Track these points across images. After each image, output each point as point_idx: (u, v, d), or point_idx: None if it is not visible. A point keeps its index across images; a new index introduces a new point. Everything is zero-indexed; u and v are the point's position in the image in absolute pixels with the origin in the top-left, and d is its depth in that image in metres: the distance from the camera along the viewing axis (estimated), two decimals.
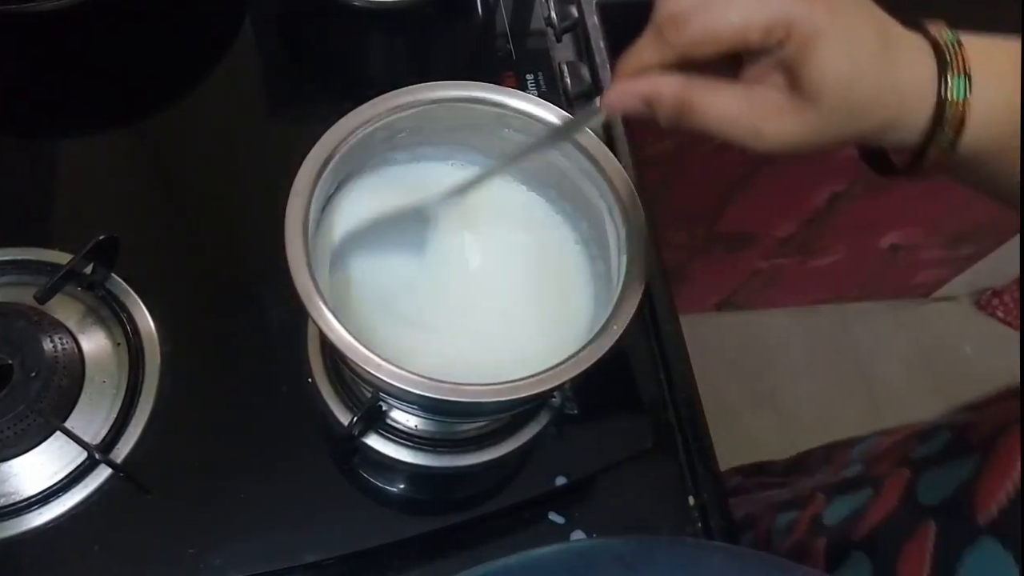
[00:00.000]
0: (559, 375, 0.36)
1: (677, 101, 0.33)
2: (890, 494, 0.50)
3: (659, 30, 0.33)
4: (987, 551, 0.39)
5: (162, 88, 0.61)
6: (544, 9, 0.66)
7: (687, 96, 0.33)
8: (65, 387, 0.48)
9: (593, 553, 0.37)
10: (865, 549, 0.48)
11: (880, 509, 0.50)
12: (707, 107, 0.33)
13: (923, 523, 0.44)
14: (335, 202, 0.42)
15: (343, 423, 0.47)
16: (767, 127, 0.33)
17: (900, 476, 0.50)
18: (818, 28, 0.31)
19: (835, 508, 0.56)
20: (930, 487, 0.46)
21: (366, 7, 0.65)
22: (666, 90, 0.34)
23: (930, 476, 0.47)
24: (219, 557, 0.46)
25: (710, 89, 0.33)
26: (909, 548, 0.44)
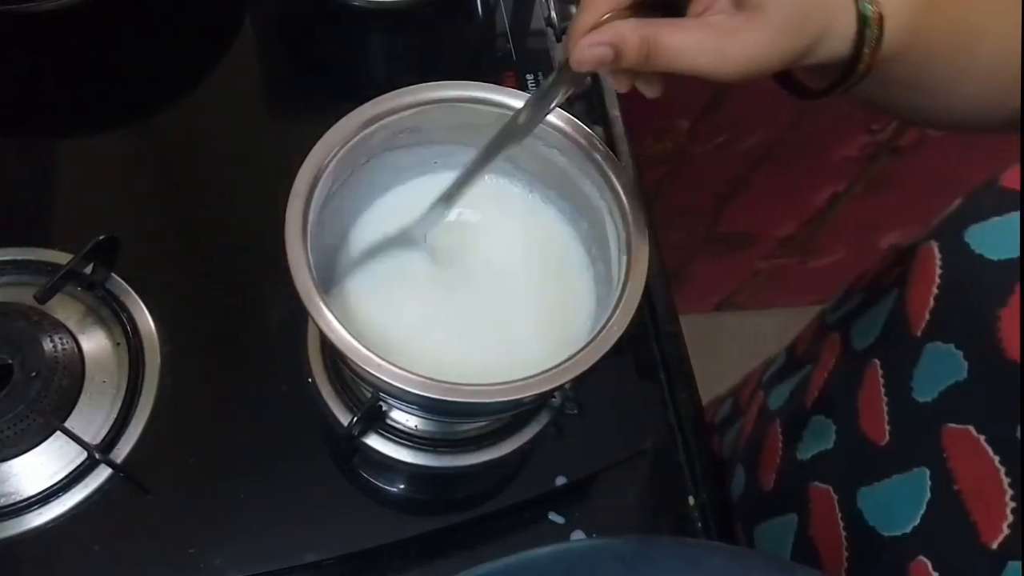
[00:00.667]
0: (559, 375, 0.36)
1: (642, 42, 0.34)
2: (827, 358, 0.51)
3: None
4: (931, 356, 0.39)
5: (162, 88, 0.61)
6: (544, 9, 0.66)
7: (651, 35, 0.34)
8: (65, 387, 0.48)
9: (593, 553, 0.37)
10: (823, 411, 0.49)
11: (822, 374, 0.51)
12: (671, 43, 0.34)
13: (868, 365, 0.45)
14: (335, 202, 0.42)
15: (343, 423, 0.47)
16: (729, 48, 0.34)
17: (831, 340, 0.51)
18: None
19: (776, 395, 0.57)
20: (861, 331, 0.48)
21: (366, 7, 0.65)
22: (629, 33, 0.35)
23: (859, 324, 0.48)
24: (219, 557, 0.46)
25: (672, 26, 0.35)
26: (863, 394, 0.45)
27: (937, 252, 0.41)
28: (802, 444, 0.50)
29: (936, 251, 0.41)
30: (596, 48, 0.35)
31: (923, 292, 0.41)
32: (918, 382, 0.40)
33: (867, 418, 0.44)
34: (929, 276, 0.41)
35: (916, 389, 0.40)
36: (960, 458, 0.37)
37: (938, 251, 0.41)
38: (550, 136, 0.42)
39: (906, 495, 0.40)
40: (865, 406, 0.45)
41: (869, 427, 0.44)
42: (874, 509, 0.42)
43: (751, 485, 0.55)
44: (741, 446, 0.60)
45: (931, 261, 0.41)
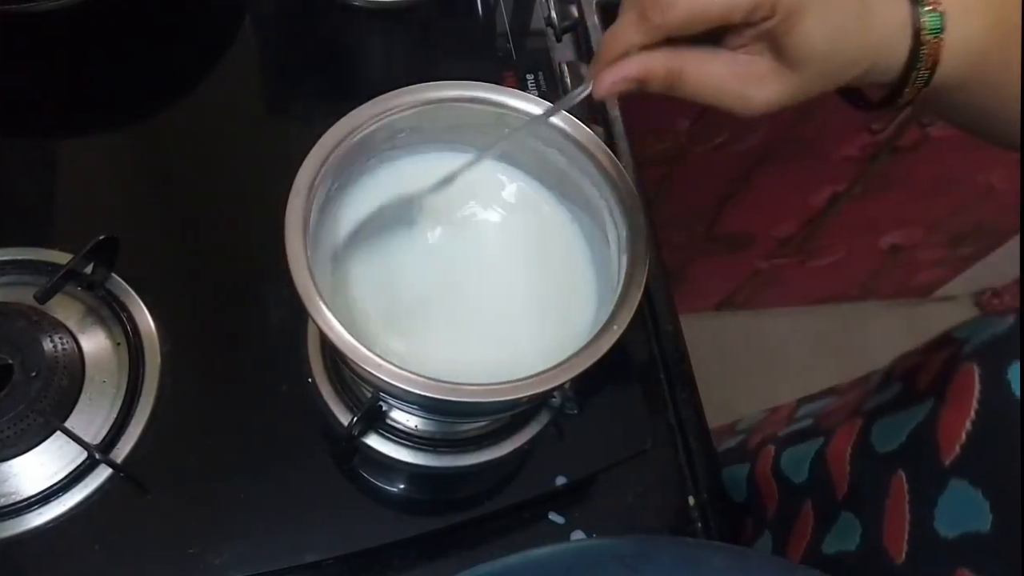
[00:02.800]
0: (559, 375, 0.36)
1: (668, 73, 0.35)
2: (841, 440, 0.50)
3: (642, 13, 0.34)
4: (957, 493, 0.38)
5: (162, 88, 0.61)
6: (544, 9, 0.66)
7: (677, 67, 0.35)
8: (65, 387, 0.48)
9: (593, 553, 0.37)
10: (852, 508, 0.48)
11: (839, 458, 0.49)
12: (697, 76, 0.35)
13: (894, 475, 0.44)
14: (335, 202, 0.42)
15: (343, 423, 0.47)
16: (753, 93, 0.35)
17: (851, 424, 0.50)
18: (800, 2, 0.33)
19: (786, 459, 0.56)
20: (884, 433, 0.47)
21: (366, 7, 0.65)
22: (656, 65, 0.35)
23: (883, 423, 0.47)
24: (219, 557, 0.46)
25: (698, 59, 0.35)
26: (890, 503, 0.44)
27: (977, 381, 0.39)
28: (829, 537, 0.49)
29: (976, 379, 0.39)
30: (619, 84, 0.35)
31: (957, 421, 0.39)
32: (941, 513, 0.39)
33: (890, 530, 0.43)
34: (965, 406, 0.39)
35: (938, 519, 0.39)
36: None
37: (978, 380, 0.39)
38: (550, 136, 0.42)
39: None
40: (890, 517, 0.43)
41: (890, 540, 0.42)
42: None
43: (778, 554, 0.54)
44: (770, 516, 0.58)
45: (969, 389, 0.39)
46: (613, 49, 0.36)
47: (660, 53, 0.35)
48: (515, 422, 0.49)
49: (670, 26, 0.34)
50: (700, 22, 0.34)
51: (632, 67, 0.35)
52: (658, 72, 0.35)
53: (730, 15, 0.33)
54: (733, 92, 0.35)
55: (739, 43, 0.35)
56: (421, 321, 0.42)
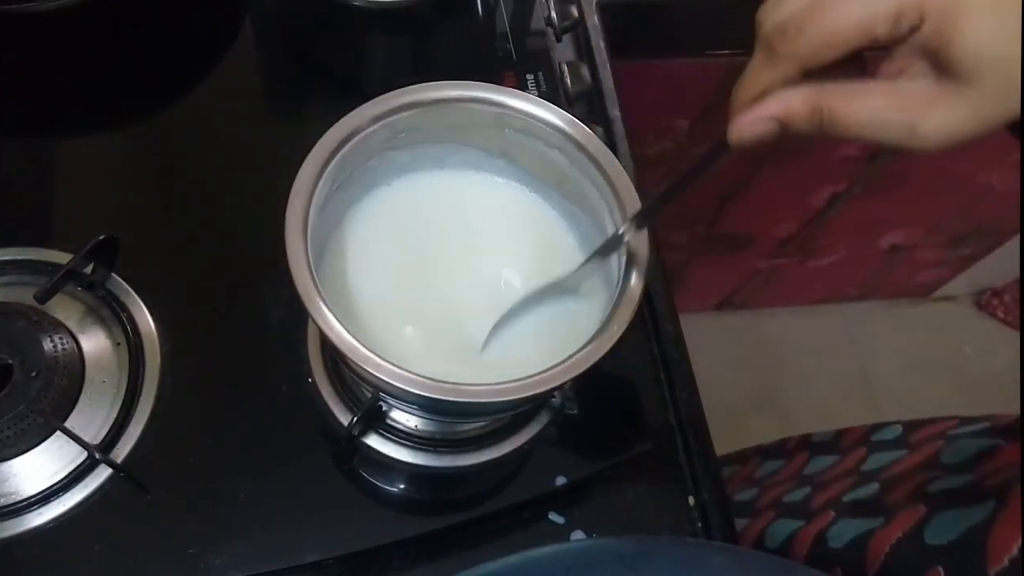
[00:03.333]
0: (559, 375, 0.36)
1: (814, 111, 0.30)
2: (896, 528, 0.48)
3: (769, 46, 0.30)
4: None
5: (162, 88, 0.61)
6: (544, 9, 0.66)
7: (825, 104, 0.30)
8: (65, 387, 0.48)
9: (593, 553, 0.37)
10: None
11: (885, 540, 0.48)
12: (851, 112, 0.30)
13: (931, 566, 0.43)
14: (335, 202, 0.42)
15: (343, 423, 0.47)
16: (923, 123, 0.29)
17: (913, 512, 0.48)
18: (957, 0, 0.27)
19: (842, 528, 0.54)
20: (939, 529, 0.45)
21: (366, 7, 0.65)
22: (798, 103, 0.30)
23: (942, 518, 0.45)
24: (219, 557, 0.46)
25: (850, 93, 0.30)
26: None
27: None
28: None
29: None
30: (759, 124, 0.31)
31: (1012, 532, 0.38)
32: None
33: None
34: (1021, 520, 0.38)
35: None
36: None
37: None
38: (550, 136, 0.42)
39: None
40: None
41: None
42: None
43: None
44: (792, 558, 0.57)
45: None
46: (746, 93, 0.31)
47: (801, 89, 0.30)
48: (515, 422, 0.49)
49: (802, 52, 0.29)
50: (838, 42, 0.29)
51: (772, 107, 0.30)
52: (801, 109, 0.30)
53: (870, 28, 0.28)
54: (897, 124, 0.29)
55: (896, 68, 0.30)
56: (421, 321, 0.42)
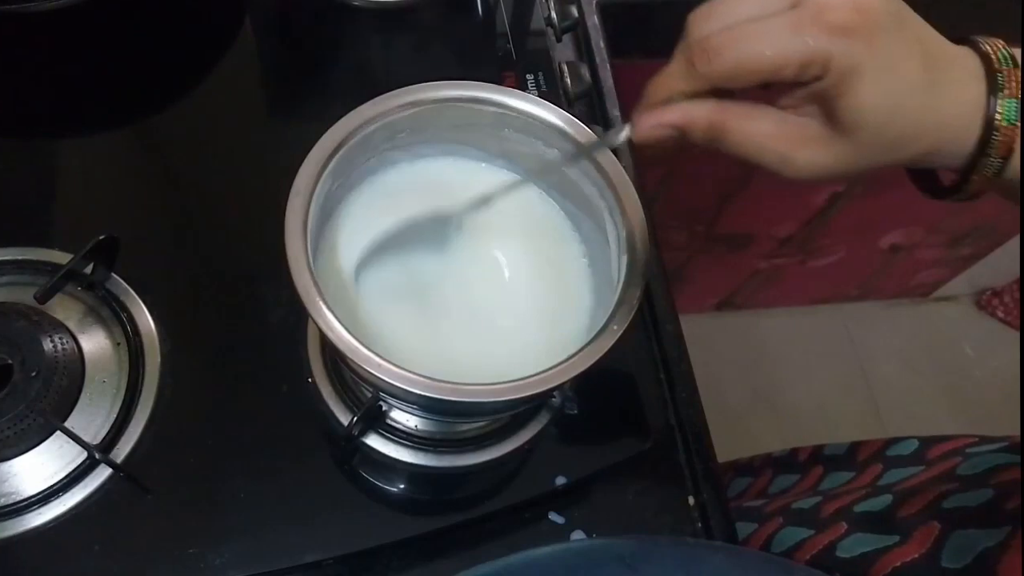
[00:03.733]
0: (559, 375, 0.36)
1: (709, 126, 0.33)
2: (913, 547, 0.48)
3: (689, 60, 0.32)
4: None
5: (162, 88, 0.61)
6: (544, 9, 0.66)
7: (720, 120, 0.33)
8: (65, 387, 0.48)
9: (593, 553, 0.37)
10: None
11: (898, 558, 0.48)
12: (739, 132, 0.33)
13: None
14: (335, 201, 0.42)
15: (343, 423, 0.47)
16: (798, 156, 0.33)
17: (930, 529, 0.48)
18: (856, 63, 0.30)
19: (854, 542, 0.54)
20: (956, 551, 0.45)
21: (366, 7, 0.65)
22: (698, 116, 0.33)
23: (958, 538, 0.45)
24: (219, 557, 0.46)
25: (743, 115, 0.33)
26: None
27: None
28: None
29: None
30: (660, 129, 0.34)
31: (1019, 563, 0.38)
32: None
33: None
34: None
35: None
36: None
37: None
38: (550, 136, 0.42)
39: None
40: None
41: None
42: None
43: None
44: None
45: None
46: (656, 94, 0.34)
47: (704, 104, 0.33)
48: (515, 422, 0.49)
49: (716, 75, 0.32)
50: (747, 75, 0.32)
51: (673, 114, 0.34)
52: (700, 123, 0.33)
53: (780, 71, 0.31)
54: (777, 153, 0.33)
55: (789, 103, 0.33)
56: (421, 321, 0.42)
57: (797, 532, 0.58)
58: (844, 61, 0.30)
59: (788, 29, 0.31)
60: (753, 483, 0.73)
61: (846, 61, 0.30)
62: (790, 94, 0.33)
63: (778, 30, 0.31)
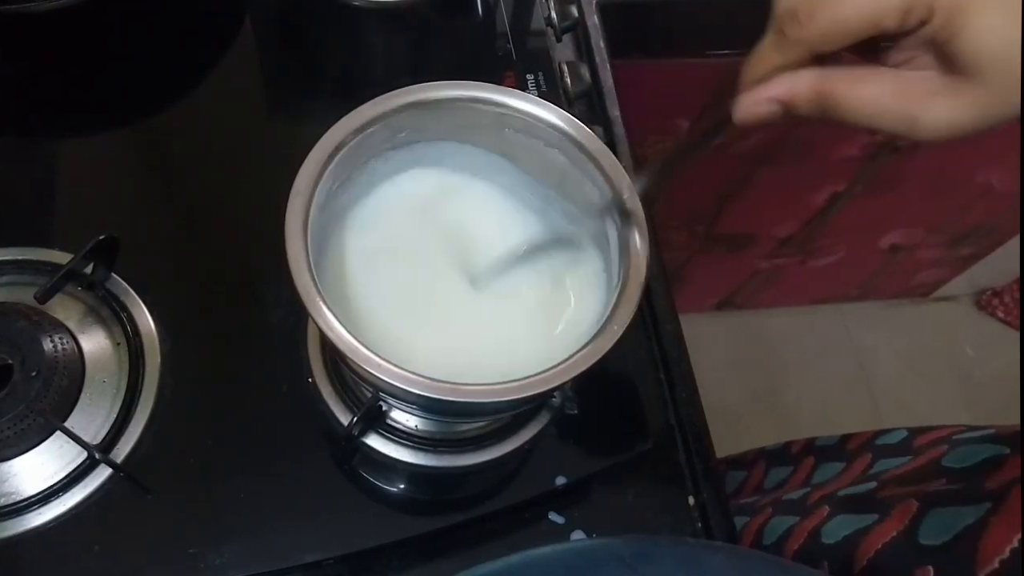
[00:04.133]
0: (559, 375, 0.36)
1: (817, 96, 0.31)
2: (891, 524, 0.48)
3: (781, 28, 0.30)
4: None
5: (162, 88, 0.61)
6: (544, 9, 0.66)
7: (828, 89, 0.31)
8: (65, 387, 0.48)
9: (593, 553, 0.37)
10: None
11: (879, 538, 0.49)
12: (852, 98, 0.31)
13: (921, 565, 0.43)
14: (335, 202, 0.42)
15: (343, 423, 0.47)
16: (923, 114, 0.30)
17: (907, 507, 0.48)
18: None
19: (836, 525, 0.54)
20: (933, 527, 0.45)
21: (366, 7, 0.65)
22: (802, 87, 0.31)
23: (936, 516, 0.45)
24: (219, 557, 0.46)
25: (853, 79, 0.31)
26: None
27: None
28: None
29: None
30: (763, 105, 0.32)
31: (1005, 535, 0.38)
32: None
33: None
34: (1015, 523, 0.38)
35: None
36: None
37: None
38: (550, 136, 0.42)
39: None
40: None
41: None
42: None
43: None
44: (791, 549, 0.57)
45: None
46: (755, 72, 0.32)
47: (807, 73, 0.31)
48: (515, 422, 0.49)
49: (812, 39, 0.30)
50: (846, 32, 0.29)
51: (776, 88, 0.31)
52: (805, 93, 0.31)
53: (879, 20, 0.29)
54: (897, 113, 0.30)
55: (902, 58, 0.31)
56: (421, 321, 0.42)
57: (784, 520, 0.59)
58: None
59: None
60: (748, 478, 0.73)
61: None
62: (900, 48, 0.31)
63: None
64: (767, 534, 0.60)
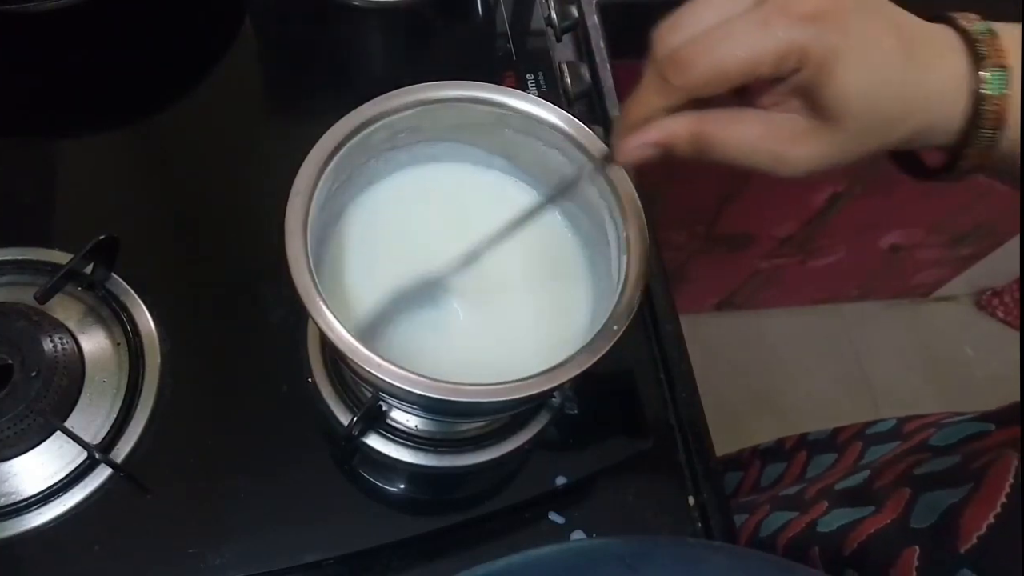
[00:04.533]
0: (559, 375, 0.36)
1: (693, 138, 0.33)
2: (887, 514, 0.49)
3: (661, 74, 0.32)
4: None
5: (162, 88, 0.61)
6: (544, 9, 0.66)
7: (702, 131, 0.33)
8: (65, 387, 0.48)
9: (593, 553, 0.37)
10: (855, 565, 0.48)
11: (873, 524, 0.49)
12: (725, 140, 0.33)
13: (908, 546, 0.44)
14: (335, 202, 0.42)
15: (343, 423, 0.47)
16: (789, 152, 0.32)
17: (901, 495, 0.49)
18: (833, 49, 0.30)
19: (833, 517, 0.55)
20: (923, 511, 0.46)
21: (366, 7, 0.65)
22: (680, 131, 0.33)
23: (925, 499, 0.46)
24: (219, 557, 0.46)
25: (725, 121, 0.33)
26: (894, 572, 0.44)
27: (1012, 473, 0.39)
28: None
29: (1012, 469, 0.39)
30: (643, 149, 0.34)
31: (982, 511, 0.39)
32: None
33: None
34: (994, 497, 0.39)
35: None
36: None
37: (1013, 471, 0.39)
38: (550, 136, 0.42)
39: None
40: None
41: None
42: None
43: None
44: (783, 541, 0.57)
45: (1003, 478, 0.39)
46: (635, 115, 0.33)
47: (683, 117, 0.33)
48: (515, 422, 0.49)
49: (691, 85, 0.31)
50: (724, 79, 0.31)
51: (654, 133, 0.33)
52: (683, 136, 0.33)
53: (755, 69, 0.30)
54: (767, 153, 0.32)
55: (772, 101, 0.33)
56: (421, 321, 0.42)
57: (782, 516, 0.59)
58: (820, 48, 0.30)
59: (757, 27, 0.30)
60: (744, 477, 0.74)
61: (821, 48, 0.30)
62: (770, 92, 0.33)
63: (747, 29, 0.30)
64: (764, 528, 0.60)
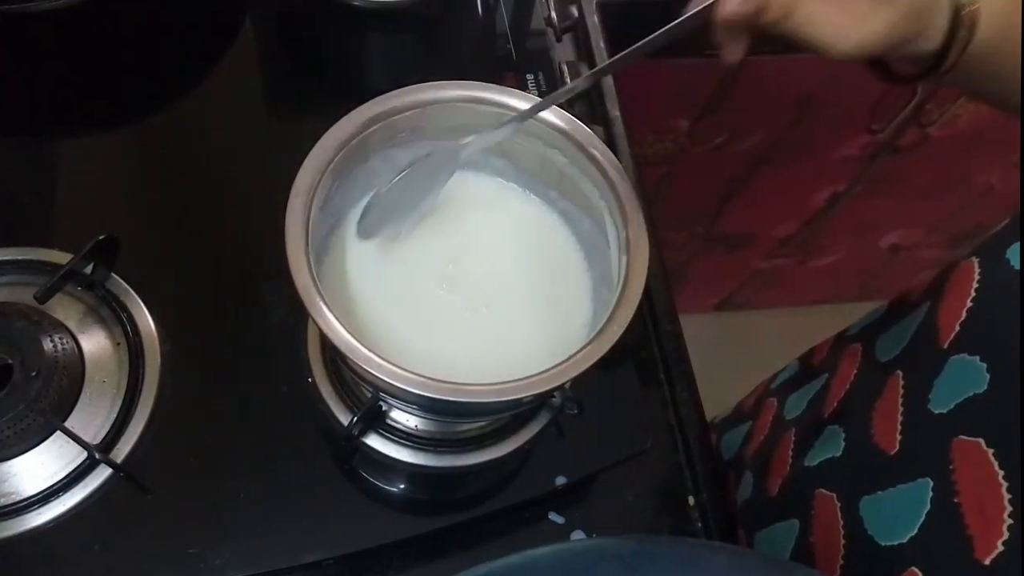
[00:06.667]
0: (559, 375, 0.36)
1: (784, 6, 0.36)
2: (847, 368, 0.51)
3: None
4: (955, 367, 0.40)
5: (162, 88, 0.61)
6: (544, 9, 0.66)
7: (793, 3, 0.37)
8: (65, 387, 0.48)
9: (593, 553, 0.37)
10: (838, 421, 0.49)
11: (841, 384, 0.51)
12: (806, 13, 0.37)
13: (890, 376, 0.45)
14: (335, 202, 0.42)
15: (343, 423, 0.47)
16: (852, 30, 0.37)
17: (852, 351, 0.52)
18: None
19: (792, 403, 0.57)
20: (887, 343, 0.48)
21: (366, 7, 0.65)
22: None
23: (886, 336, 0.49)
24: (219, 557, 0.46)
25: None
26: (881, 404, 0.45)
27: (977, 268, 0.41)
28: (812, 451, 0.50)
29: (976, 266, 0.42)
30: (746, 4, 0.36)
31: (956, 305, 0.41)
32: (936, 393, 0.40)
33: (880, 427, 0.44)
34: (965, 290, 0.41)
35: (933, 400, 0.40)
36: (965, 471, 0.37)
37: (978, 266, 0.41)
38: (550, 136, 0.42)
39: (906, 505, 0.40)
40: (880, 415, 0.45)
41: (881, 436, 0.44)
42: (874, 518, 0.42)
43: (758, 491, 0.55)
44: (751, 452, 0.60)
45: (970, 275, 0.41)
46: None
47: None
48: (515, 422, 0.49)
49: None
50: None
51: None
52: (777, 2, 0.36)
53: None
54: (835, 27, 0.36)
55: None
56: (421, 321, 0.42)
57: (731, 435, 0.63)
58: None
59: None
60: None
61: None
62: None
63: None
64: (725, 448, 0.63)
